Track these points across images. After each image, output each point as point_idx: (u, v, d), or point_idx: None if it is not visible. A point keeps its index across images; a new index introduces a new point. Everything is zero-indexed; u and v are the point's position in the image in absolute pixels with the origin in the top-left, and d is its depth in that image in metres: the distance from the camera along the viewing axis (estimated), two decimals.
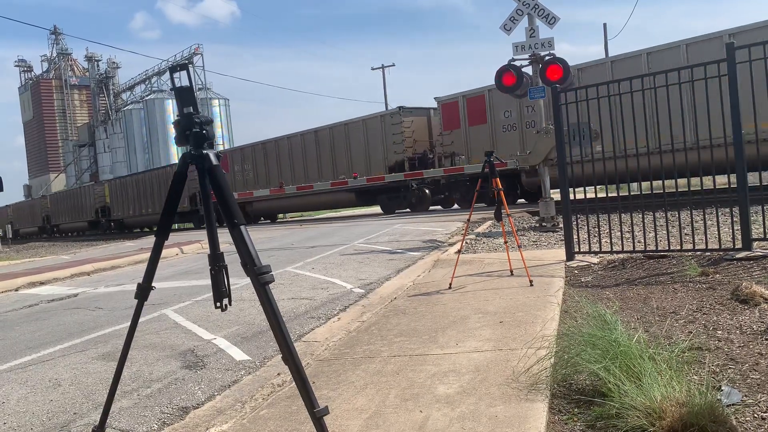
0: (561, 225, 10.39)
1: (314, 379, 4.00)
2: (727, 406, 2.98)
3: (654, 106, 7.38)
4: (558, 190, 9.03)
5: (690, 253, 7.29)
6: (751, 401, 3.07)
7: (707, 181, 8.41)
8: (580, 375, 3.40)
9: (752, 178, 9.58)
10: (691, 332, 4.31)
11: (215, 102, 61.92)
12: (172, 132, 2.96)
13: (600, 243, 8.82)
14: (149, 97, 63.69)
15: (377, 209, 25.98)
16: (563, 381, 3.45)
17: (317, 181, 26.49)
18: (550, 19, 11.79)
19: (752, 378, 3.37)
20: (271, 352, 5.22)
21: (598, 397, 3.08)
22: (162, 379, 4.83)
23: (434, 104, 23.45)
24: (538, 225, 12.42)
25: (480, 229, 13.22)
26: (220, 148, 51.51)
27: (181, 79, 2.69)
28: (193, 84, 2.77)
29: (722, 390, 3.17)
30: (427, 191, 23.41)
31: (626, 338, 3.38)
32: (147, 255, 2.97)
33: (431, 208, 24.14)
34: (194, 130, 2.72)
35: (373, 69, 49.93)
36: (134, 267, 13.77)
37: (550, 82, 11.01)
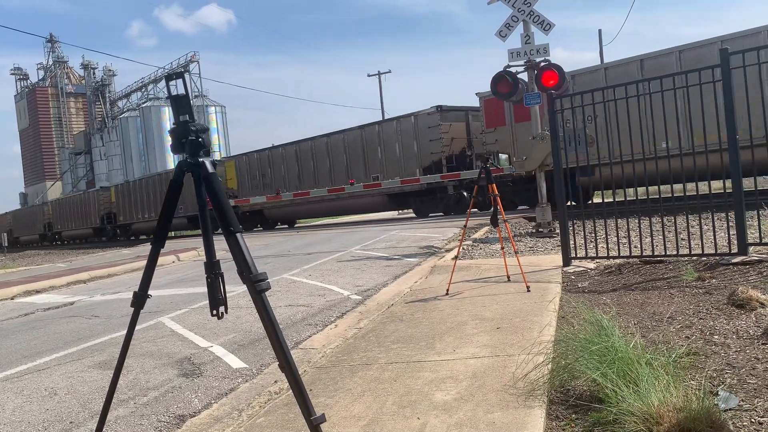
0: (557, 231, 10.40)
1: (311, 387, 3.99)
2: (725, 411, 2.98)
3: (650, 111, 7.41)
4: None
5: (686, 258, 7.29)
6: (748, 406, 3.06)
7: (703, 186, 8.43)
8: (577, 381, 3.40)
9: (747, 183, 9.59)
10: (688, 337, 4.31)
11: (212, 109, 61.96)
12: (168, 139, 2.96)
13: (596, 248, 8.82)
14: (145, 104, 63.72)
15: None
16: (561, 387, 3.44)
17: None
18: (545, 26, 11.85)
19: (749, 383, 3.36)
20: (267, 360, 5.20)
21: (595, 402, 3.08)
22: (158, 387, 4.81)
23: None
24: (534, 231, 12.43)
25: (477, 235, 13.23)
26: (216, 156, 51.49)
27: (177, 87, 2.69)
28: (189, 92, 2.77)
29: (719, 395, 3.17)
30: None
31: (623, 344, 3.38)
32: (143, 263, 2.97)
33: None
34: (190, 138, 2.72)
35: (369, 75, 50.07)
36: (130, 275, 13.73)
37: (545, 88, 11.05)
